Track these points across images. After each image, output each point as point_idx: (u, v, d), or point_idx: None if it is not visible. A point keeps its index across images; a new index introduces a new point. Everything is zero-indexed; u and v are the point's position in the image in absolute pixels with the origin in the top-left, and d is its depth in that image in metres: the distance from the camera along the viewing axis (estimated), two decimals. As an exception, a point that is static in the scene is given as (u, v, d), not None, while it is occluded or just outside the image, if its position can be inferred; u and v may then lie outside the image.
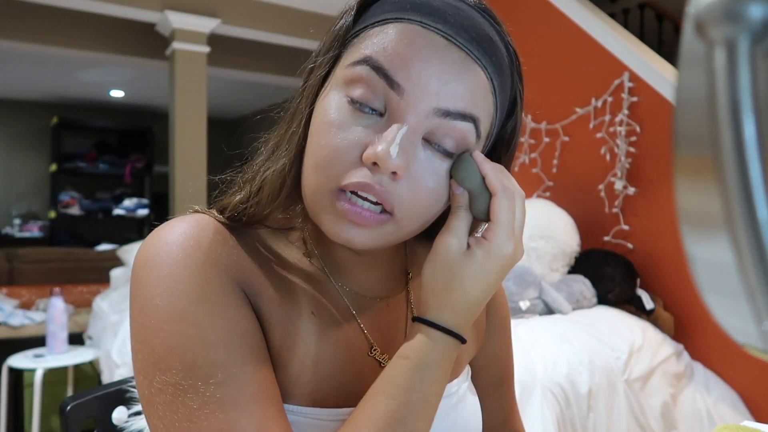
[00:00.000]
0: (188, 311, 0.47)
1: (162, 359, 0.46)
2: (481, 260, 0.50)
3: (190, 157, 3.73)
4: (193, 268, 0.49)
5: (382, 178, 0.48)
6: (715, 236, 0.21)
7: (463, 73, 0.49)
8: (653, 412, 1.87)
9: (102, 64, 4.87)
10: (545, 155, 2.70)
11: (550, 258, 2.29)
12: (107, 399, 0.88)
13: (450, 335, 0.51)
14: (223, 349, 0.47)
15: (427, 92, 0.48)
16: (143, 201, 6.52)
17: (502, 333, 0.74)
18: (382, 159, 0.47)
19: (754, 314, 0.21)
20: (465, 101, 0.49)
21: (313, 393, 0.53)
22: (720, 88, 0.19)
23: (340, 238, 0.50)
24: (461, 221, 0.52)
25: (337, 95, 0.51)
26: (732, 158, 0.19)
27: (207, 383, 0.46)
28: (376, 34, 0.50)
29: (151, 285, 0.48)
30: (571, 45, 2.59)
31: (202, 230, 0.51)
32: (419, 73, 0.48)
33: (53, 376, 2.62)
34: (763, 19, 0.19)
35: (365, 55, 0.49)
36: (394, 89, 0.48)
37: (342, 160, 0.49)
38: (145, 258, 0.50)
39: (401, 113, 0.49)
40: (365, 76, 0.49)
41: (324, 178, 0.49)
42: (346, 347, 0.56)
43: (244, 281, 0.52)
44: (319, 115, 0.51)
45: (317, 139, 0.50)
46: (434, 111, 0.49)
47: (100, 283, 3.83)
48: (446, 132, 0.50)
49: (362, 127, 0.49)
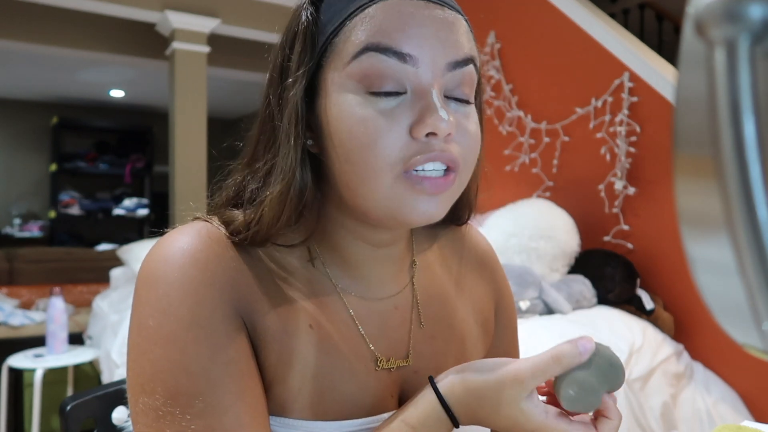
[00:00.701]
0: (178, 336, 0.48)
1: (148, 381, 0.48)
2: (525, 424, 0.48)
3: (190, 157, 3.73)
4: (187, 288, 0.49)
5: (440, 143, 0.50)
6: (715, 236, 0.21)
7: (452, 24, 0.51)
8: (653, 412, 1.87)
9: (102, 64, 4.87)
10: (545, 155, 2.70)
11: (550, 258, 2.29)
12: (107, 399, 0.88)
13: (452, 421, 0.51)
14: (204, 379, 0.47)
15: (435, 52, 0.50)
16: (143, 201, 6.52)
17: (510, 332, 0.74)
18: (438, 126, 0.48)
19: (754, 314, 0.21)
20: (464, 48, 0.52)
21: (314, 406, 0.53)
22: (720, 88, 0.19)
23: (422, 215, 0.51)
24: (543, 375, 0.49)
25: (350, 95, 0.50)
26: (732, 158, 0.19)
27: (184, 413, 0.46)
28: (359, 23, 0.50)
29: (147, 304, 0.49)
30: (571, 45, 2.59)
31: (200, 243, 0.52)
32: (421, 38, 0.49)
33: (53, 376, 2.62)
34: (763, 19, 0.19)
35: (364, 44, 0.49)
36: (407, 62, 0.49)
37: (394, 145, 0.49)
38: (145, 275, 0.51)
39: (422, 80, 0.50)
40: (375, 62, 0.49)
41: (385, 169, 0.49)
42: (347, 358, 0.56)
43: (239, 298, 0.52)
44: (339, 122, 0.50)
45: (354, 142, 0.50)
46: (447, 66, 0.51)
47: (100, 283, 3.83)
48: (459, 80, 0.52)
49: (393, 110, 0.50)
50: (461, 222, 0.70)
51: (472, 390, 0.51)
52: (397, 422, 0.52)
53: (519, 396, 0.48)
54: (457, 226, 0.72)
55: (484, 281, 0.72)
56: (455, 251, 0.71)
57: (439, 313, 0.64)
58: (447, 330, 0.64)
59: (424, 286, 0.65)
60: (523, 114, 2.79)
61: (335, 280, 0.58)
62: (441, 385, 0.52)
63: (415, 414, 0.52)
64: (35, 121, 6.51)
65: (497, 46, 2.88)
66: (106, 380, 2.53)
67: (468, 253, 0.72)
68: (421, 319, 0.63)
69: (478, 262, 0.72)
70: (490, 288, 0.72)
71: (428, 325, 0.63)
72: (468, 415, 0.51)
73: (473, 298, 0.69)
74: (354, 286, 0.59)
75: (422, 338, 0.61)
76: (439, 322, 0.63)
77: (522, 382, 0.48)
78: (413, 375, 0.61)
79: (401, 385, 0.60)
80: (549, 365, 0.49)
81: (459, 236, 0.73)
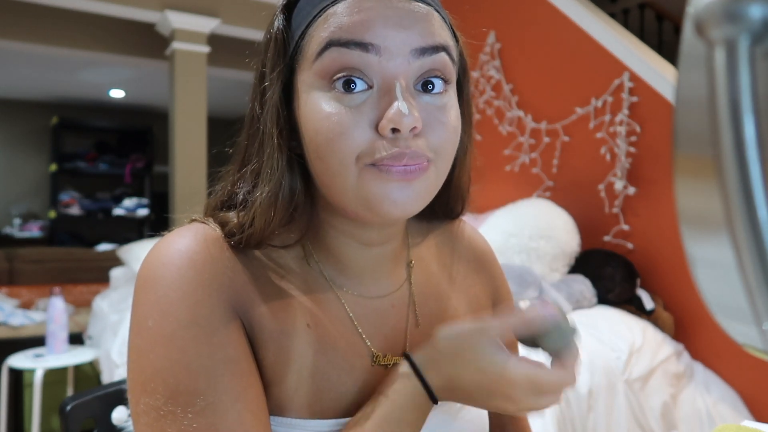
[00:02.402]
0: (177, 335, 0.48)
1: (148, 381, 0.48)
2: (499, 371, 0.51)
3: (190, 157, 3.73)
4: (186, 289, 0.50)
5: (405, 140, 0.49)
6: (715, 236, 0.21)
7: (417, 14, 0.51)
8: (653, 412, 1.87)
9: (102, 64, 4.87)
10: (545, 155, 2.70)
11: (550, 258, 2.29)
12: (107, 399, 0.88)
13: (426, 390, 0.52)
14: (204, 377, 0.48)
15: (399, 40, 0.49)
16: (143, 201, 6.52)
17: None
18: (398, 121, 0.48)
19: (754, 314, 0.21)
20: (431, 35, 0.51)
21: (312, 405, 0.53)
22: (720, 88, 0.19)
23: (397, 206, 0.50)
24: (508, 330, 0.53)
25: (318, 93, 0.51)
26: (732, 158, 0.19)
27: (185, 411, 0.47)
28: (322, 21, 0.51)
29: (146, 306, 0.50)
30: (571, 45, 2.59)
31: (197, 245, 0.52)
32: (384, 28, 0.49)
33: (53, 376, 2.62)
34: (763, 19, 0.19)
35: (326, 39, 0.50)
36: (370, 51, 0.49)
37: (359, 139, 0.49)
38: (144, 277, 0.52)
39: (386, 71, 0.50)
40: (338, 57, 0.49)
41: (348, 163, 0.49)
42: (345, 356, 0.56)
43: (236, 299, 0.52)
44: (309, 119, 0.51)
45: (320, 138, 0.50)
46: (412, 53, 0.50)
47: (100, 283, 3.83)
48: (430, 69, 0.51)
49: (359, 105, 0.50)
50: (455, 215, 0.70)
51: (436, 346, 0.53)
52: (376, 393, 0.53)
53: (483, 344, 0.52)
54: (452, 221, 0.72)
55: (481, 280, 0.72)
56: (450, 248, 0.71)
57: (435, 312, 0.64)
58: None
59: (421, 284, 0.65)
60: (523, 114, 2.79)
61: (331, 279, 0.59)
62: (416, 357, 0.54)
63: (388, 382, 0.53)
64: (35, 121, 6.51)
65: (497, 46, 2.88)
66: (106, 380, 2.53)
67: (464, 251, 0.72)
68: (417, 317, 0.63)
69: (475, 260, 0.72)
70: (488, 286, 0.72)
71: (425, 323, 0.63)
72: (437, 376, 0.52)
73: (471, 296, 0.69)
74: (349, 285, 0.60)
75: (419, 336, 0.62)
76: (435, 321, 0.64)
77: (485, 331, 0.52)
78: None
79: None
80: (514, 322, 0.53)
81: (454, 233, 0.73)
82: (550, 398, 0.51)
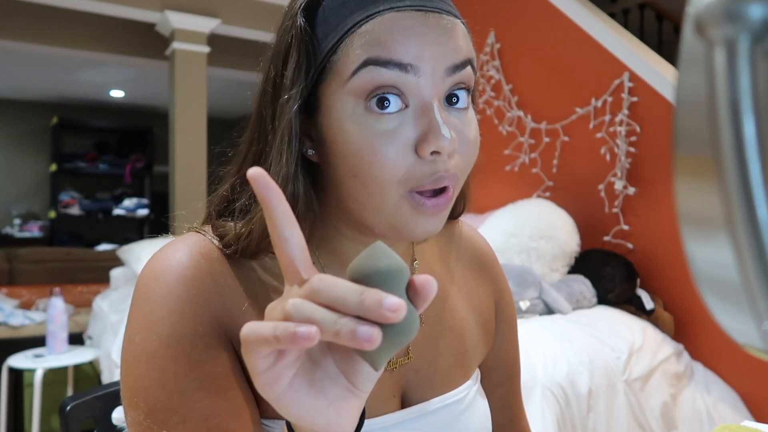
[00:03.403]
0: (158, 353, 0.50)
1: (132, 396, 0.50)
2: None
3: (190, 157, 3.73)
4: (172, 306, 0.51)
5: (444, 162, 0.50)
6: (715, 236, 0.21)
7: (449, 29, 0.51)
8: (653, 412, 1.87)
9: (102, 64, 4.87)
10: (545, 155, 2.70)
11: (550, 258, 2.29)
12: (107, 399, 0.88)
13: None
14: (178, 395, 0.49)
15: (436, 60, 0.50)
16: (143, 201, 6.52)
17: (510, 332, 0.74)
18: (441, 146, 0.48)
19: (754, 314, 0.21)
20: (462, 50, 0.51)
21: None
22: (720, 88, 0.19)
23: (422, 233, 0.51)
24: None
25: (352, 112, 0.50)
26: (732, 158, 0.19)
27: (162, 428, 0.48)
28: (357, 39, 0.49)
29: (135, 322, 0.52)
30: (571, 45, 2.59)
31: (189, 260, 0.53)
32: (421, 47, 0.49)
33: (53, 376, 2.62)
34: (763, 19, 0.19)
35: (363, 58, 0.49)
36: (408, 71, 0.49)
37: (398, 163, 0.49)
38: (137, 291, 0.53)
39: (422, 89, 0.50)
40: (376, 76, 0.49)
41: (392, 189, 0.50)
42: None
43: (225, 314, 0.52)
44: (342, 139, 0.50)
45: (358, 159, 0.49)
46: (446, 71, 0.50)
47: (100, 283, 3.83)
48: (457, 83, 0.52)
49: (396, 127, 0.49)
50: (456, 215, 0.70)
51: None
52: None
53: None
54: (452, 222, 0.72)
55: (484, 282, 0.72)
56: (451, 248, 0.71)
57: (439, 314, 0.64)
58: (447, 330, 0.64)
59: None
60: (523, 114, 2.79)
61: None
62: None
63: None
64: (35, 121, 6.51)
65: (497, 46, 2.88)
66: (106, 380, 2.53)
67: (465, 252, 0.72)
68: (421, 317, 0.63)
69: (477, 262, 0.72)
70: (491, 288, 0.72)
71: (429, 325, 0.63)
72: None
73: (473, 298, 0.69)
74: None
75: (423, 339, 0.61)
76: (439, 323, 0.63)
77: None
78: (414, 375, 0.61)
79: (403, 386, 0.60)
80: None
81: (455, 233, 0.73)
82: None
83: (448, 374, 0.63)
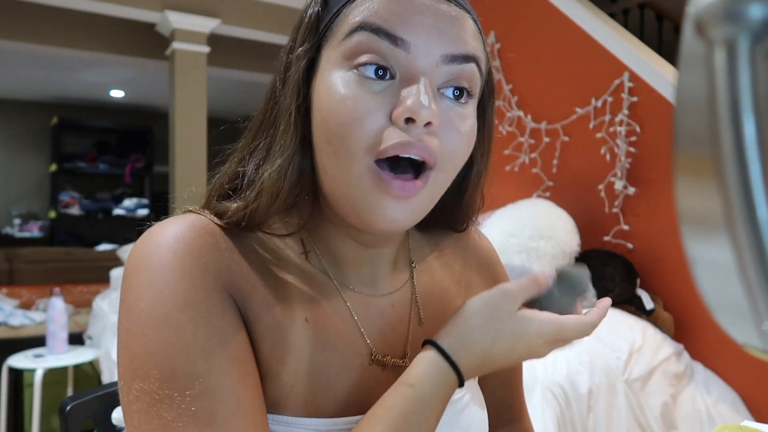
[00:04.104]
0: (171, 317, 0.46)
1: (141, 366, 0.45)
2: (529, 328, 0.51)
3: (190, 157, 3.73)
4: (181, 271, 0.47)
5: (419, 132, 0.48)
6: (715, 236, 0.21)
7: (456, 20, 0.50)
8: (653, 412, 1.87)
9: (102, 64, 4.87)
10: (545, 155, 2.70)
11: (550, 258, 2.29)
12: (107, 399, 0.88)
13: (457, 374, 0.51)
14: (203, 360, 0.45)
15: (431, 42, 0.49)
16: (143, 201, 6.52)
17: None
18: (415, 111, 0.46)
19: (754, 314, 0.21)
20: (465, 44, 0.51)
21: (308, 403, 0.52)
22: (720, 88, 0.19)
23: (385, 221, 0.49)
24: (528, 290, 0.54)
25: (339, 72, 0.49)
26: (732, 158, 0.19)
27: (183, 395, 0.44)
28: (359, 5, 0.50)
29: (138, 288, 0.47)
30: (571, 45, 2.59)
31: (194, 232, 0.50)
32: (419, 26, 0.48)
33: (53, 376, 2.62)
34: (763, 19, 0.19)
35: (359, 22, 0.49)
36: (399, 46, 0.48)
37: (370, 128, 0.48)
38: (135, 260, 0.49)
39: (412, 67, 0.49)
40: (366, 42, 0.48)
41: (356, 154, 0.48)
42: (343, 354, 0.55)
43: (233, 287, 0.50)
44: (324, 98, 0.50)
45: (333, 121, 0.48)
46: (442, 58, 0.49)
47: (100, 283, 3.83)
48: (456, 77, 0.51)
49: (378, 92, 0.48)
50: (460, 230, 0.69)
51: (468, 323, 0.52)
52: (397, 384, 0.50)
53: (512, 307, 0.52)
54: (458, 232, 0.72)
55: (485, 281, 0.72)
56: (458, 253, 0.71)
57: (440, 313, 0.64)
58: None
59: (424, 284, 0.65)
60: (523, 114, 2.78)
61: (331, 274, 0.57)
62: (437, 337, 0.53)
63: (413, 372, 0.50)
64: (35, 121, 6.51)
65: (497, 46, 2.88)
66: (106, 380, 2.53)
67: (472, 255, 0.72)
68: (420, 317, 0.62)
69: (480, 262, 0.72)
70: (490, 286, 0.72)
71: (428, 324, 0.62)
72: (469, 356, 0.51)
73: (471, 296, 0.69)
74: (348, 281, 0.58)
75: (421, 337, 0.61)
76: (440, 322, 0.63)
77: (511, 293, 0.53)
78: None
79: None
80: (530, 283, 0.54)
81: (462, 240, 0.72)
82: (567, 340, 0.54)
83: None
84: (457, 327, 0.52)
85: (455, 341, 0.51)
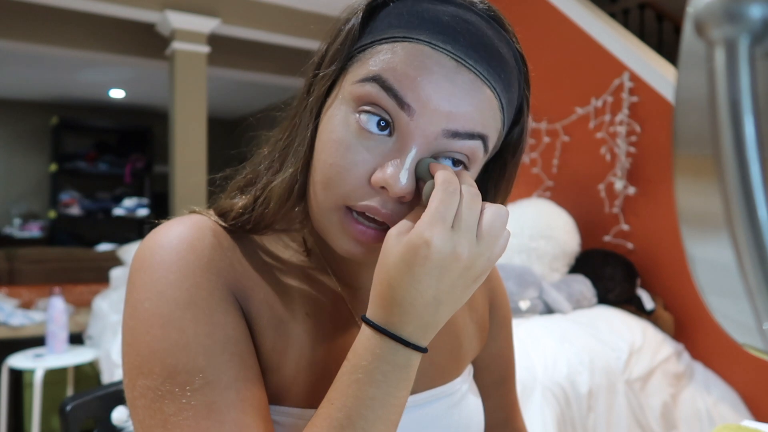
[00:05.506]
0: (174, 316, 0.48)
1: (145, 363, 0.47)
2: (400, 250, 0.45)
3: (190, 157, 3.73)
4: (184, 271, 0.49)
5: (389, 202, 0.48)
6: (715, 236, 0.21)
7: (473, 94, 0.48)
8: (653, 412, 1.87)
9: (102, 64, 4.87)
10: (545, 155, 2.70)
11: (550, 258, 2.29)
12: (107, 399, 0.88)
13: (389, 337, 0.45)
14: (203, 356, 0.47)
15: (438, 114, 0.48)
16: (143, 201, 6.53)
17: (505, 332, 0.74)
18: (390, 185, 0.47)
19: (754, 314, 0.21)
20: (474, 122, 0.49)
21: (309, 395, 0.53)
22: (720, 88, 0.19)
23: (343, 251, 0.51)
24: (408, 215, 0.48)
25: (343, 112, 0.50)
26: (732, 158, 0.19)
27: (184, 390, 0.46)
28: (383, 52, 0.49)
29: (142, 288, 0.49)
30: (571, 45, 2.59)
31: (197, 232, 0.52)
32: (429, 95, 0.47)
33: (53, 376, 2.62)
34: (763, 19, 0.19)
35: (374, 73, 0.48)
36: (404, 110, 0.48)
37: (349, 181, 0.49)
38: (140, 261, 0.51)
39: (410, 134, 0.48)
40: (374, 95, 0.48)
41: (332, 197, 0.50)
42: (343, 348, 0.56)
43: (235, 284, 0.52)
44: (325, 131, 0.51)
45: (324, 156, 0.50)
46: (443, 132, 0.48)
47: (100, 283, 3.83)
48: (454, 150, 0.49)
49: (370, 148, 0.49)
50: None
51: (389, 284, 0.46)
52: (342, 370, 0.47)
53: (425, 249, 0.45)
54: None
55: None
56: None
57: None
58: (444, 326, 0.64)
59: None
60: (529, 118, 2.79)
61: (331, 272, 0.59)
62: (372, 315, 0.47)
63: (353, 351, 0.47)
64: (35, 122, 6.51)
65: (497, 46, 2.88)
66: (106, 380, 2.53)
67: None
68: None
69: None
70: (484, 287, 0.73)
71: None
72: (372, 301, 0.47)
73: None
74: (347, 278, 0.60)
75: None
76: None
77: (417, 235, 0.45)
78: None
79: None
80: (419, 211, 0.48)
81: None
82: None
83: (441, 368, 0.63)
84: (380, 294, 0.47)
85: (371, 307, 0.47)
